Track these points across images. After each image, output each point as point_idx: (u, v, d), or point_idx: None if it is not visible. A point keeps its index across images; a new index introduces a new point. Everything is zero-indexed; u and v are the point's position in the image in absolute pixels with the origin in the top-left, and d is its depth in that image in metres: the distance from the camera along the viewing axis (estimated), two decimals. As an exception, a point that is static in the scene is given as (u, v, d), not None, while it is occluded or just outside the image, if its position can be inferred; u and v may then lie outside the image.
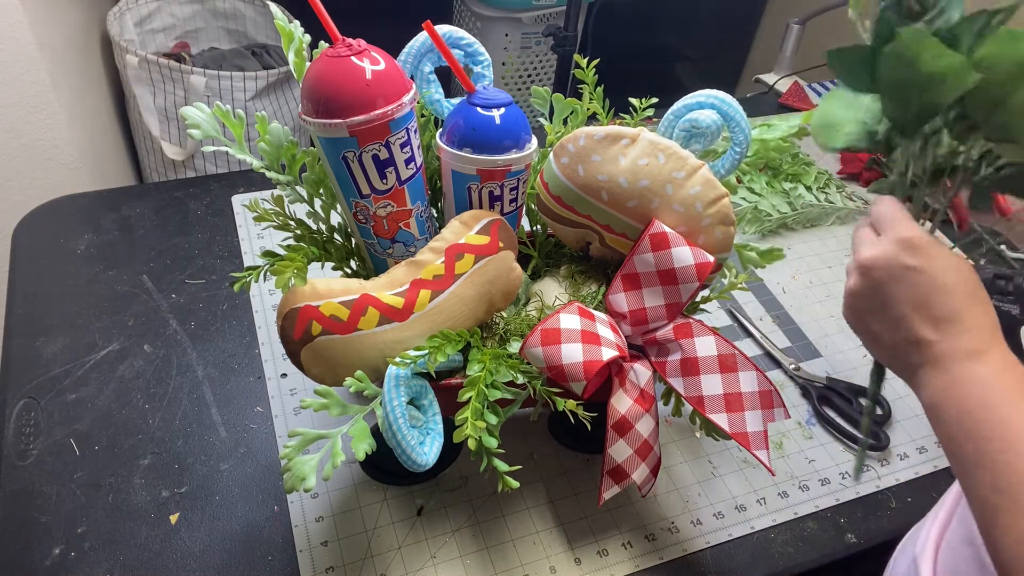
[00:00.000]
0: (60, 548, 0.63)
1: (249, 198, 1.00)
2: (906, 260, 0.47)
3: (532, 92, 0.72)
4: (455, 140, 0.60)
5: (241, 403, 0.76)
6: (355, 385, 0.52)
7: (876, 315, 0.49)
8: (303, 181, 0.64)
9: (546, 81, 2.00)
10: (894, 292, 0.48)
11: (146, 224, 0.96)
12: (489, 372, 0.56)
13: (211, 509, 0.67)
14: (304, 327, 0.54)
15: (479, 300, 0.59)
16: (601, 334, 0.58)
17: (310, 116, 0.54)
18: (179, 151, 1.55)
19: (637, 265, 0.60)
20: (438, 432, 0.56)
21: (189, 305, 0.86)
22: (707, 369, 0.60)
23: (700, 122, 0.62)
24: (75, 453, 0.70)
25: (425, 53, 0.64)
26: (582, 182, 0.60)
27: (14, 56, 1.19)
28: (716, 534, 0.70)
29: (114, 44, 1.48)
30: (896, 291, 0.47)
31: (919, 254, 0.47)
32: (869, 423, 0.60)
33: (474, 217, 0.60)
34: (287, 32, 0.60)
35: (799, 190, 1.08)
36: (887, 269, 0.48)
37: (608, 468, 0.62)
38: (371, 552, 0.65)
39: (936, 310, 0.46)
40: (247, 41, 1.76)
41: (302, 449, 0.51)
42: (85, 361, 0.78)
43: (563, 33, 1.40)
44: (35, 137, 1.28)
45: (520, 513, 0.69)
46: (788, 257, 1.02)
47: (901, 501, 0.74)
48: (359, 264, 0.67)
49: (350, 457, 0.71)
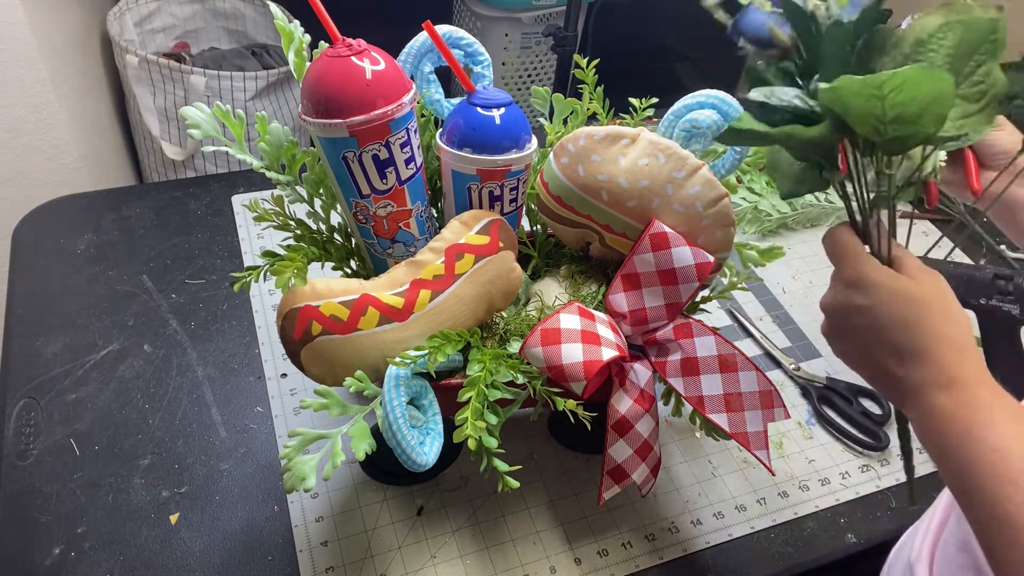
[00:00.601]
0: (60, 548, 0.63)
1: (249, 198, 1.00)
2: (855, 300, 0.47)
3: (532, 92, 0.72)
4: (455, 140, 0.60)
5: (241, 403, 0.76)
6: (355, 385, 0.52)
7: (850, 354, 0.50)
8: (303, 181, 0.64)
9: (546, 81, 2.00)
10: (854, 333, 0.48)
11: (146, 224, 0.96)
12: (489, 372, 0.56)
13: (211, 509, 0.67)
14: (304, 327, 0.54)
15: (479, 300, 0.59)
16: (601, 334, 0.58)
17: (310, 116, 0.54)
18: (179, 151, 1.55)
19: (637, 265, 0.60)
20: (438, 432, 0.56)
21: (189, 305, 0.86)
22: (707, 369, 0.60)
23: (700, 122, 0.62)
24: (75, 453, 0.70)
25: (425, 53, 0.64)
26: (582, 182, 0.60)
27: (14, 56, 1.19)
28: (716, 534, 0.70)
29: (114, 44, 1.48)
30: (856, 331, 0.48)
31: (868, 293, 0.46)
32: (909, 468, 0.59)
33: (474, 217, 0.60)
34: (287, 32, 0.60)
35: (799, 190, 1.08)
36: (843, 313, 0.48)
37: (608, 468, 0.62)
38: (371, 552, 0.65)
39: (896, 345, 0.46)
40: (247, 41, 1.76)
41: (302, 449, 0.51)
42: (85, 361, 0.78)
43: (563, 33, 1.40)
44: (35, 137, 1.28)
45: (520, 513, 0.69)
46: (788, 257, 1.02)
47: (901, 501, 0.74)
48: (359, 264, 0.67)
49: (350, 457, 0.71)
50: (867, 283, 0.47)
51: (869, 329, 0.47)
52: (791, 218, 1.06)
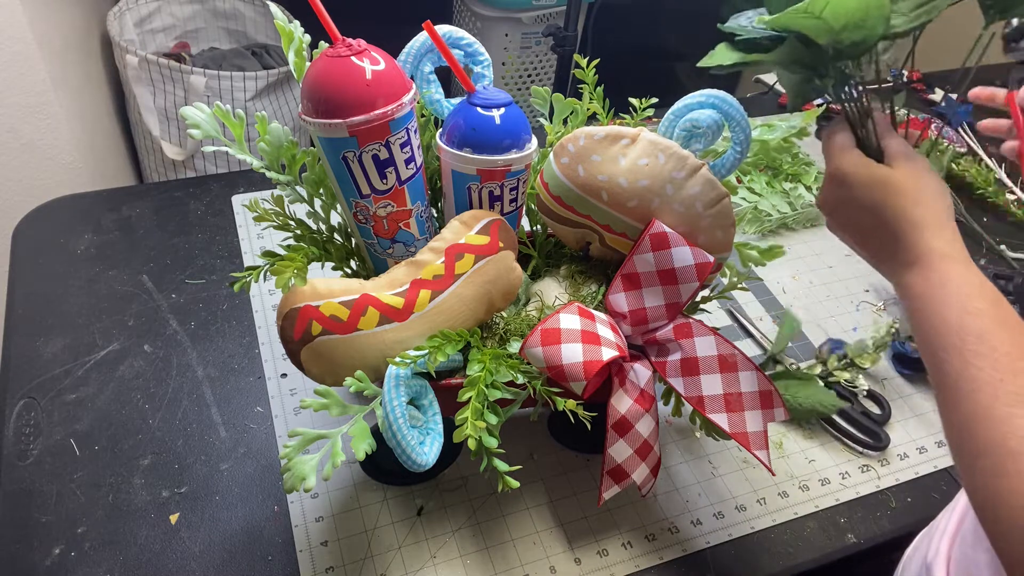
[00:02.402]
0: (60, 548, 0.63)
1: (249, 198, 1.00)
2: (835, 192, 0.53)
3: (532, 92, 0.72)
4: (455, 140, 0.60)
5: (241, 403, 0.76)
6: (355, 385, 0.52)
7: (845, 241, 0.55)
8: (303, 181, 0.64)
9: (546, 81, 2.00)
10: (843, 221, 0.54)
11: (146, 224, 0.96)
12: (489, 372, 0.56)
13: (211, 509, 0.67)
14: (304, 327, 0.54)
15: (479, 300, 0.59)
16: (601, 334, 0.58)
17: (310, 116, 0.54)
18: (179, 151, 1.55)
19: (637, 265, 0.60)
20: (438, 432, 0.56)
21: (189, 305, 0.86)
22: (707, 369, 0.60)
23: (700, 122, 0.62)
24: (75, 453, 0.70)
25: (425, 53, 0.64)
26: (582, 182, 0.60)
27: (14, 56, 1.19)
28: (716, 534, 0.70)
29: (114, 44, 1.48)
30: (843, 220, 0.54)
31: (843, 182, 0.52)
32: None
33: (474, 217, 0.60)
34: (287, 32, 0.60)
35: (799, 190, 1.08)
36: (830, 205, 0.54)
37: (608, 468, 0.62)
38: (371, 552, 0.65)
39: (871, 227, 0.50)
40: (247, 41, 1.76)
41: (302, 449, 0.51)
42: (85, 361, 0.78)
43: (563, 33, 1.40)
44: (35, 137, 1.28)
45: (520, 513, 0.69)
46: (788, 257, 1.02)
47: (901, 501, 0.74)
48: (359, 264, 0.67)
49: (350, 457, 0.71)
50: (843, 173, 0.52)
51: (851, 216, 0.52)
52: (791, 218, 1.06)
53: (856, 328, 0.92)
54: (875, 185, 0.50)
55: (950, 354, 0.42)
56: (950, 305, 0.44)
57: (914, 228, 0.48)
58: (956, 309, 0.44)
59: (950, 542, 0.53)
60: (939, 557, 0.52)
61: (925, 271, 0.46)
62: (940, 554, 0.52)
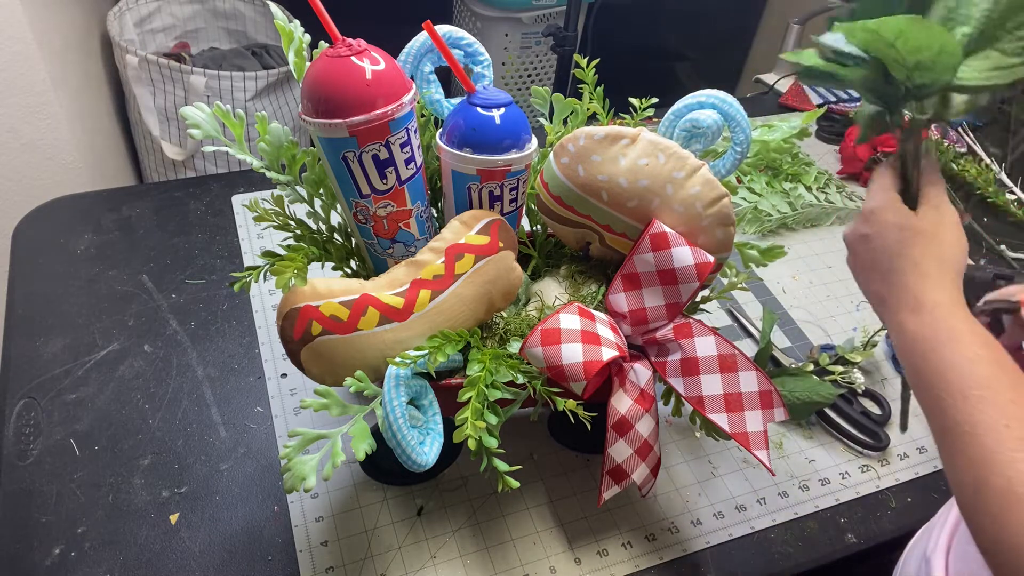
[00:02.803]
0: (60, 548, 0.63)
1: (249, 198, 1.00)
2: (861, 229, 0.53)
3: (532, 92, 0.72)
4: (455, 140, 0.60)
5: (241, 403, 0.76)
6: (355, 385, 0.52)
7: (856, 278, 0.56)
8: (303, 181, 0.64)
9: (546, 81, 2.00)
10: (859, 259, 0.54)
11: (146, 224, 0.96)
12: (489, 372, 0.56)
13: (211, 509, 0.67)
14: (304, 327, 0.54)
15: (479, 300, 0.59)
16: (601, 334, 0.58)
17: (310, 116, 0.54)
18: (179, 151, 1.55)
19: (637, 265, 0.60)
20: (438, 432, 0.56)
21: (189, 305, 0.86)
22: (707, 369, 0.60)
23: (700, 122, 0.62)
24: (75, 453, 0.70)
25: (425, 53, 0.64)
26: (582, 182, 0.60)
27: (14, 56, 1.19)
28: (716, 534, 0.69)
29: (114, 44, 1.48)
30: (859, 258, 0.54)
31: (871, 222, 0.52)
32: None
33: (474, 217, 0.60)
34: (287, 32, 0.60)
35: (799, 190, 1.08)
36: (853, 241, 0.55)
37: (608, 468, 0.62)
38: (371, 552, 0.65)
39: (884, 270, 0.51)
40: (247, 41, 1.76)
41: (302, 449, 0.51)
42: (85, 361, 0.78)
43: (563, 33, 1.40)
44: (35, 137, 1.28)
45: (520, 513, 0.69)
46: (788, 257, 1.02)
47: (901, 501, 0.74)
48: (359, 264, 0.67)
49: (350, 457, 0.71)
50: (872, 212, 0.53)
51: (868, 255, 0.53)
52: (791, 218, 1.06)
53: (856, 328, 0.92)
54: (899, 230, 0.50)
55: (955, 399, 0.43)
56: (954, 350, 0.45)
57: (922, 276, 0.49)
58: (959, 355, 0.44)
59: (949, 535, 0.53)
60: (938, 549, 0.53)
61: (927, 317, 0.47)
62: (939, 547, 0.53)
